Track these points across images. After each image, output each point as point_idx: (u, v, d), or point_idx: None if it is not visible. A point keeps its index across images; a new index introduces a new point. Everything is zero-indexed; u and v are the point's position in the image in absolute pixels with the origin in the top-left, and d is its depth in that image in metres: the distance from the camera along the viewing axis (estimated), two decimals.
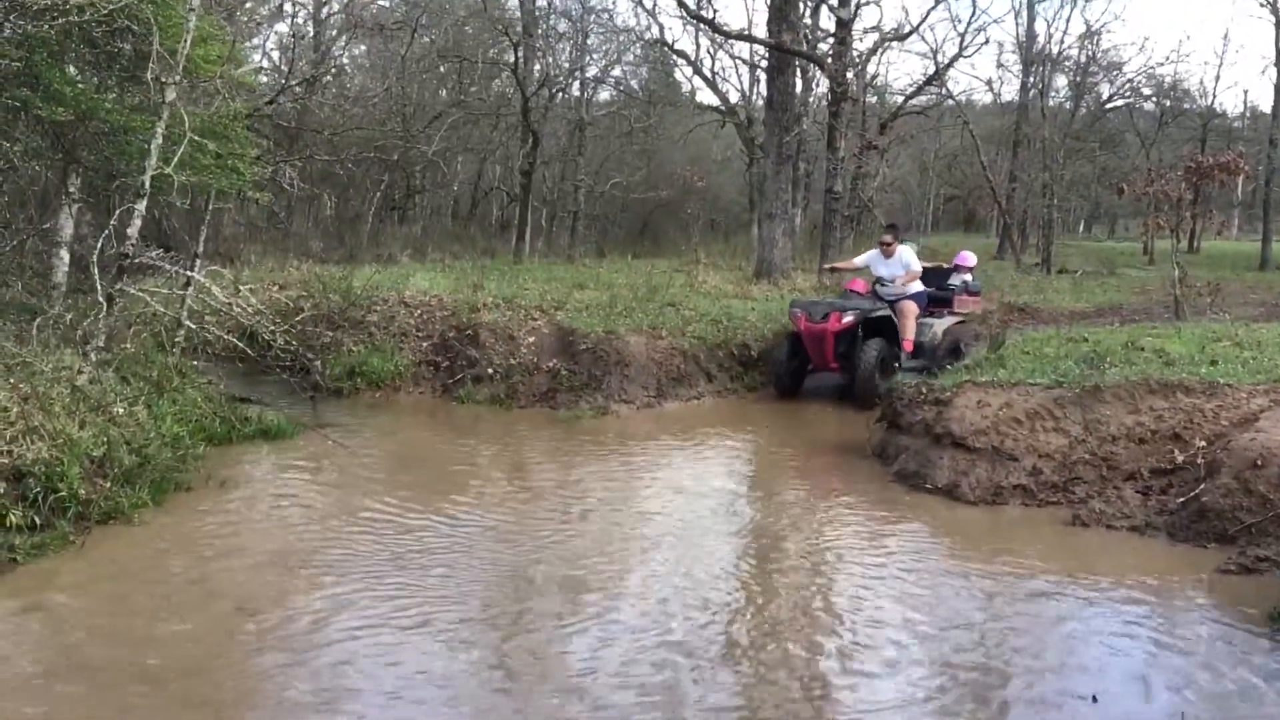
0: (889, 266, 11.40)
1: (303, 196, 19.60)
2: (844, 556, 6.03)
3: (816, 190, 26.49)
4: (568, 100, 26.28)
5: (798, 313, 10.92)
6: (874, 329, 10.88)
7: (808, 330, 10.70)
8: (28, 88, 7.70)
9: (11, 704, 3.79)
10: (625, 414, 9.98)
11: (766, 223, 18.08)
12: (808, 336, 10.74)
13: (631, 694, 4.10)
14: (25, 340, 7.54)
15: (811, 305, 11.10)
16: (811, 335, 10.68)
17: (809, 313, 10.79)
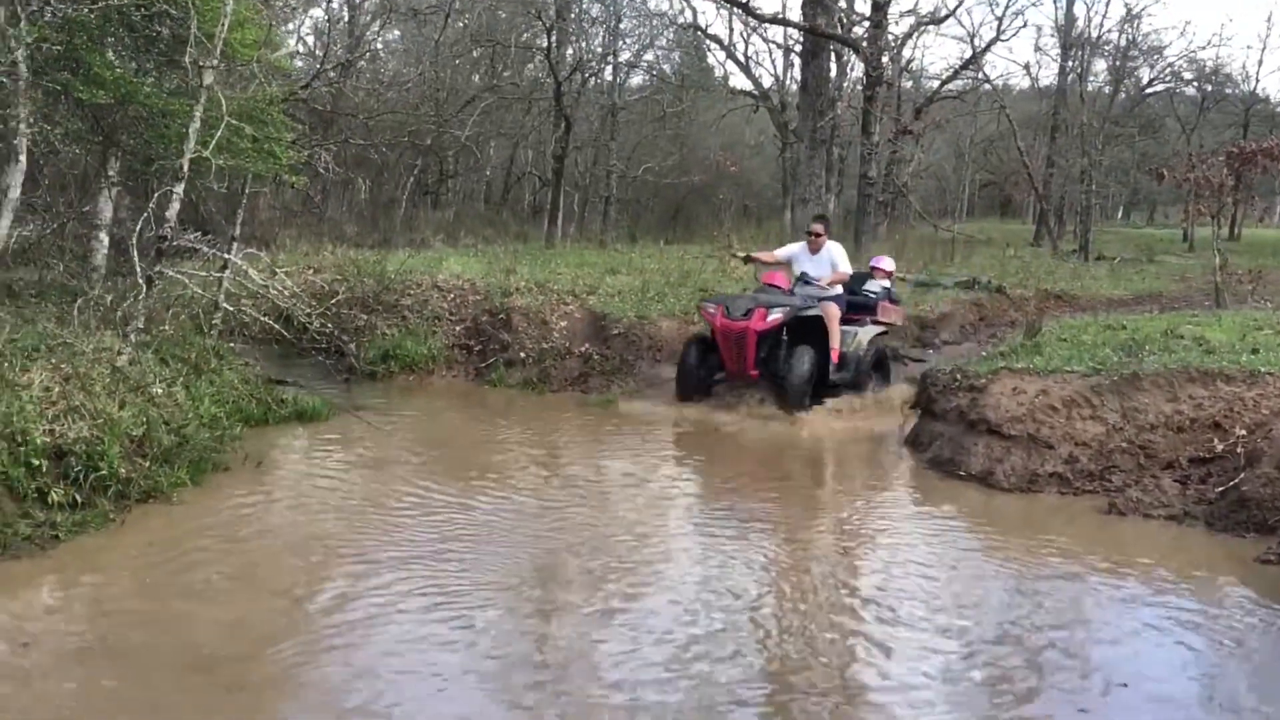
0: (815, 264, 9.89)
1: (337, 181, 19.69)
2: (877, 542, 6.01)
3: (850, 175, 26.31)
4: (600, 85, 26.21)
5: (711, 309, 9.38)
6: (801, 333, 9.38)
7: (724, 329, 9.12)
8: (69, 71, 7.79)
9: (50, 686, 3.82)
10: (656, 398, 9.98)
11: (800, 208, 18.03)
12: (724, 337, 9.16)
13: (665, 682, 4.10)
14: (66, 322, 7.65)
15: (730, 300, 9.46)
16: (729, 335, 9.11)
17: (727, 308, 9.22)
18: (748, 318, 9.02)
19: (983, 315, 15.75)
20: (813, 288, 9.66)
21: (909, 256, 21.68)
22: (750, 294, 9.73)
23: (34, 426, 5.48)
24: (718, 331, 9.18)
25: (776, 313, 9.11)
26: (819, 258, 9.91)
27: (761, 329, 9.03)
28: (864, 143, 19.20)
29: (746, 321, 9.01)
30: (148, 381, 6.96)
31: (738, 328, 9.02)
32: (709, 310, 9.40)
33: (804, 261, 9.95)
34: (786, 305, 9.23)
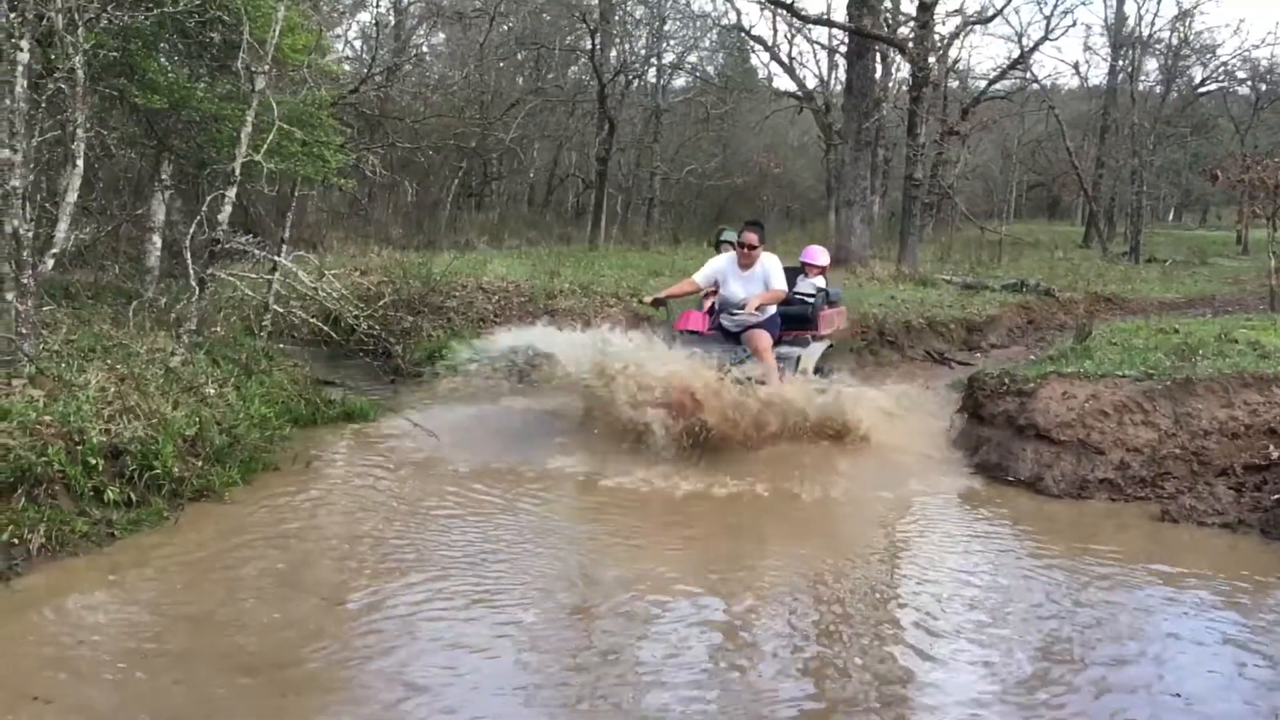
0: (747, 282, 8.05)
1: (383, 184, 19.89)
2: (924, 547, 5.96)
3: (895, 177, 26.13)
4: (644, 87, 26.27)
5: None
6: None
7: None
8: (124, 77, 7.94)
9: (104, 684, 3.87)
10: None
11: (844, 210, 17.92)
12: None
13: (707, 687, 4.10)
14: (122, 323, 7.80)
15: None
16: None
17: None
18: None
19: (1031, 319, 15.59)
20: (740, 316, 7.93)
21: (955, 259, 21.54)
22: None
23: (91, 426, 5.59)
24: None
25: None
26: (751, 275, 8.06)
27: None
28: (909, 144, 19.04)
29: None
30: (200, 382, 7.09)
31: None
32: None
33: (732, 281, 8.10)
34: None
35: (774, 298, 7.98)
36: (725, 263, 8.25)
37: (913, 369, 11.95)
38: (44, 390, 5.89)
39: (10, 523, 4.90)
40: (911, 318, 13.41)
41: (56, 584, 4.74)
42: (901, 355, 12.76)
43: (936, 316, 13.82)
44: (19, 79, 6.22)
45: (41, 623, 4.35)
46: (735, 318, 8.06)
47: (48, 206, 7.32)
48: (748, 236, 8.11)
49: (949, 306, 14.61)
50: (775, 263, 8.12)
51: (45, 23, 6.60)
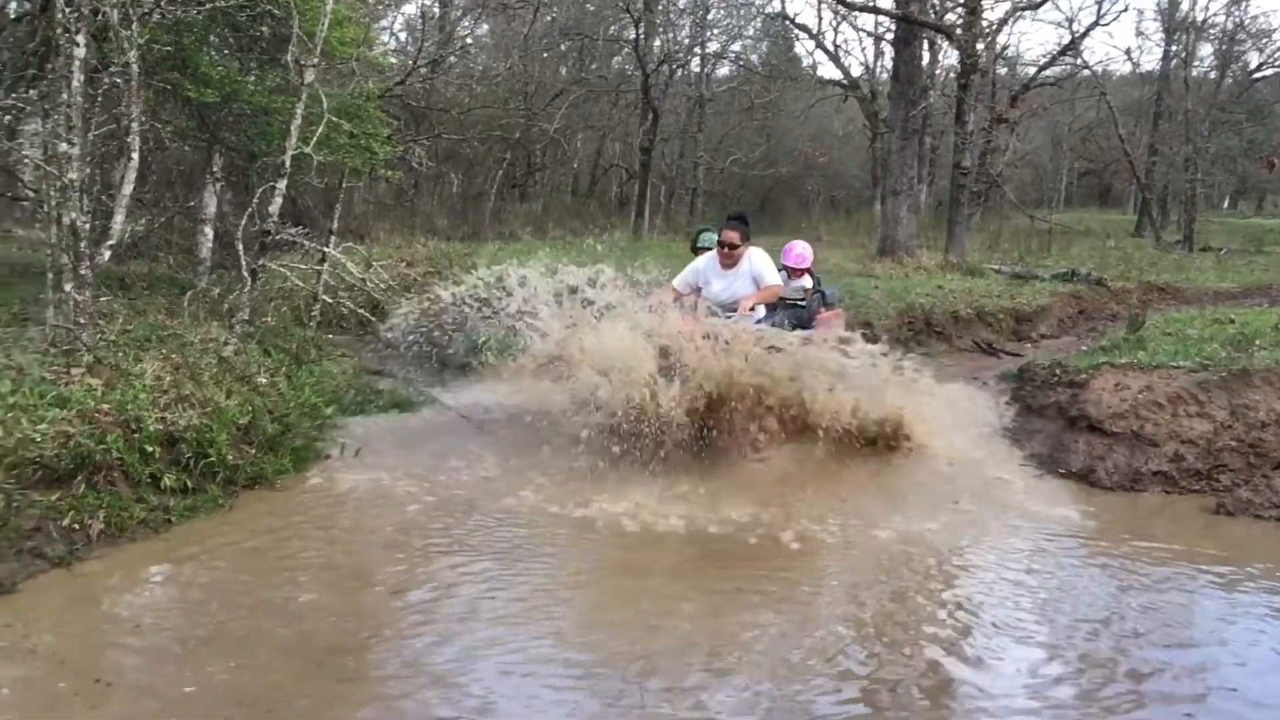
0: (730, 282, 7.21)
1: (429, 175, 20.04)
2: (975, 540, 5.89)
3: (942, 166, 25.85)
4: (687, 76, 26.18)
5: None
6: None
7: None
8: (177, 71, 8.06)
9: (162, 670, 3.93)
10: None
11: (891, 199, 17.76)
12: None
13: (755, 682, 4.10)
14: (176, 313, 7.95)
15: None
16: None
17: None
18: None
19: (1082, 308, 15.36)
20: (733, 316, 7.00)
21: (1004, 248, 21.27)
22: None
23: (148, 414, 5.70)
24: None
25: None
26: (737, 273, 7.21)
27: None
28: (958, 132, 18.81)
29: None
30: (252, 371, 7.20)
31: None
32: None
33: (716, 282, 7.26)
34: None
35: (769, 295, 7.20)
36: (706, 263, 7.36)
37: (960, 359, 11.81)
38: (102, 379, 6.01)
39: (71, 508, 5.02)
40: (959, 308, 13.27)
41: (116, 569, 4.85)
42: (949, 346, 12.63)
43: (985, 306, 13.66)
44: (76, 74, 6.34)
45: (103, 606, 4.45)
46: (732, 314, 7.07)
47: (104, 199, 7.45)
48: (728, 235, 7.17)
49: (998, 296, 14.43)
50: (764, 257, 7.26)
51: (100, 18, 6.72)
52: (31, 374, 5.82)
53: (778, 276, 7.36)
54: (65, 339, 6.23)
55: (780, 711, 3.85)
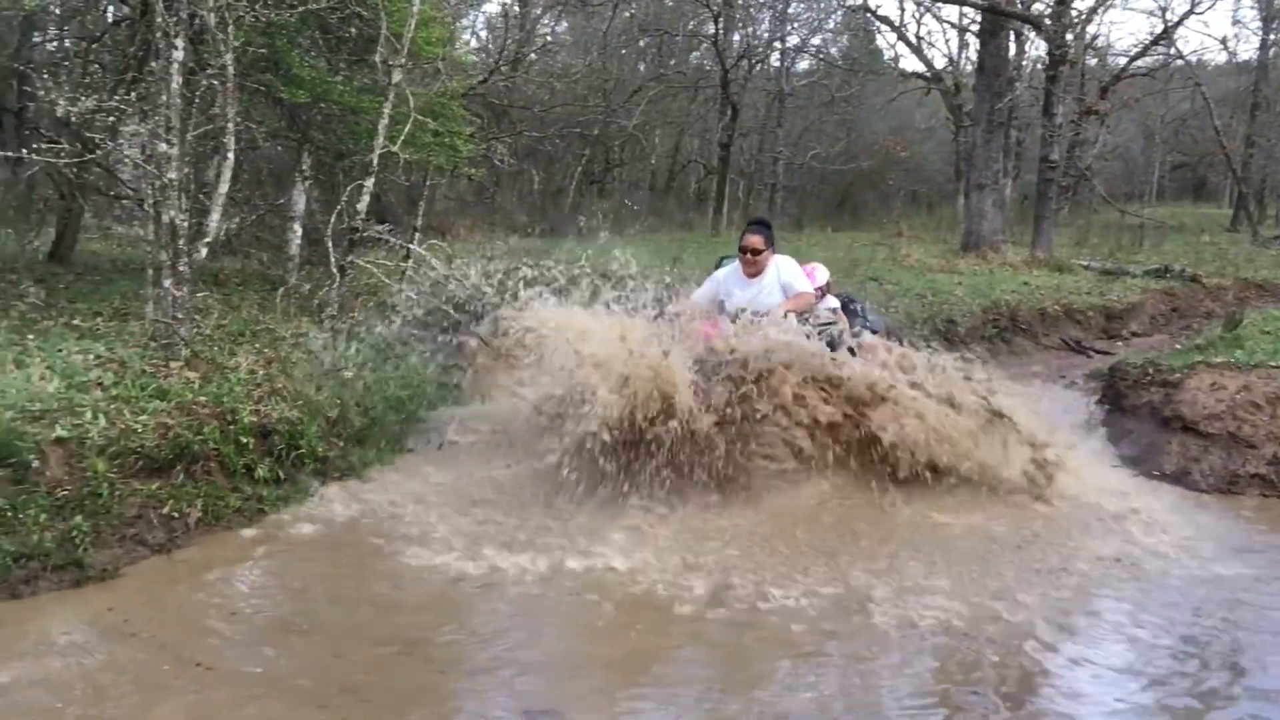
0: (756, 293, 6.50)
1: (509, 172, 20.23)
2: (1064, 543, 5.74)
3: (1028, 159, 25.23)
4: (767, 71, 26.00)
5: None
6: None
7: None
8: (270, 72, 8.27)
9: (260, 657, 4.03)
10: None
11: (975, 193, 17.44)
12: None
13: (821, 681, 4.06)
14: (268, 308, 8.16)
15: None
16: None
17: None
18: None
19: (1175, 306, 14.92)
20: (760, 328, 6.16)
21: (1093, 243, 20.74)
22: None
23: (242, 407, 5.87)
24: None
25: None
26: (763, 282, 6.54)
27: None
28: (1045, 124, 18.38)
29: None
30: (340, 366, 7.36)
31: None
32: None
33: (739, 294, 6.57)
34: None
35: (804, 304, 6.44)
36: (727, 274, 6.74)
37: (1047, 357, 11.58)
38: (199, 372, 6.21)
39: (170, 497, 5.19)
40: (1047, 305, 13.00)
41: (213, 556, 5.00)
42: (1036, 343, 12.39)
43: (1073, 303, 13.36)
44: (175, 76, 6.54)
45: (201, 593, 4.59)
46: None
47: (200, 198, 7.68)
48: (750, 240, 6.51)
49: (1086, 293, 14.10)
50: (792, 264, 6.65)
51: (198, 21, 6.93)
52: (133, 367, 6.03)
53: (809, 284, 6.62)
54: (164, 333, 6.44)
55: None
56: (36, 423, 5.03)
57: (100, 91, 7.53)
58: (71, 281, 8.59)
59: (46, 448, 4.93)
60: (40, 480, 4.82)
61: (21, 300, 7.71)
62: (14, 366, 5.73)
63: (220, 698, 3.70)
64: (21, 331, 6.67)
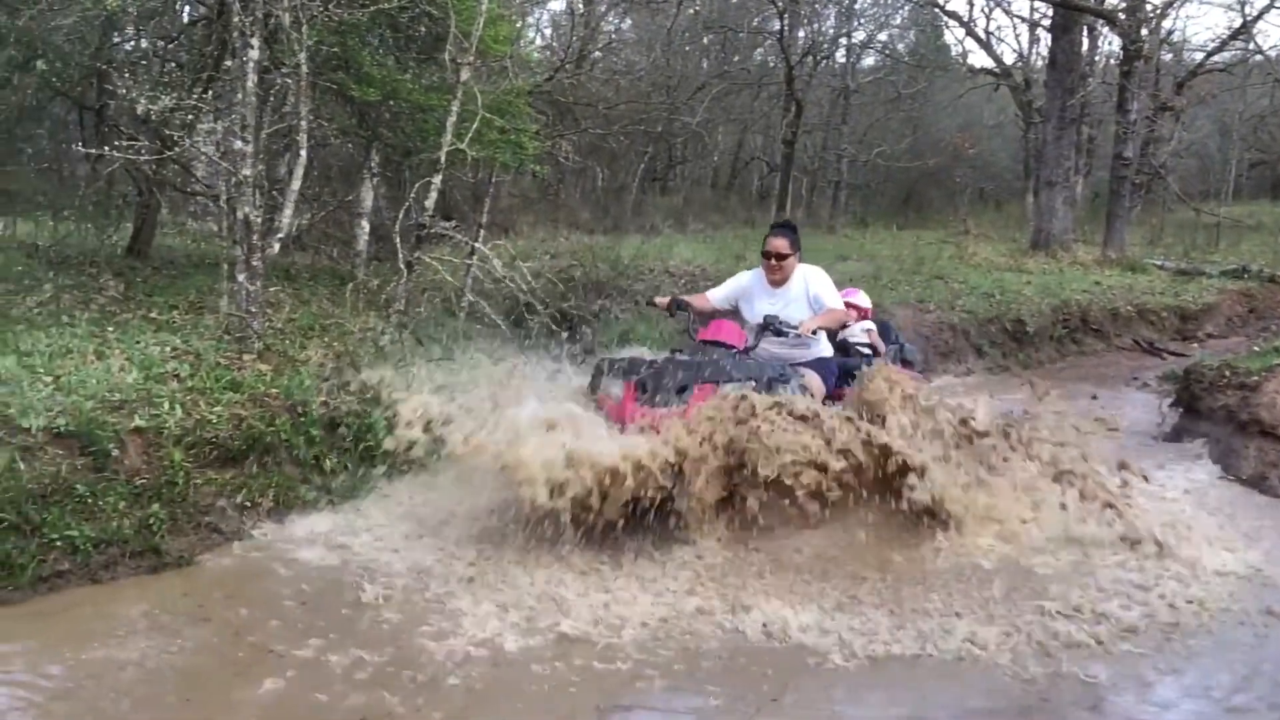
0: (781, 304, 6.08)
1: (573, 169, 20.33)
2: (1136, 551, 5.60)
3: (1100, 156, 24.71)
4: (832, 67, 25.78)
5: (615, 388, 5.69)
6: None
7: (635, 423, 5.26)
8: (341, 70, 8.39)
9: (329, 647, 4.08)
10: None
11: (1045, 191, 17.13)
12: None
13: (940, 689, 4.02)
14: (337, 303, 8.30)
15: (644, 370, 5.60)
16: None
17: (642, 385, 5.49)
18: (682, 403, 5.36)
19: (1253, 307, 14.53)
20: (788, 340, 5.95)
21: (1166, 242, 20.27)
22: (682, 357, 5.88)
23: (312, 399, 5.98)
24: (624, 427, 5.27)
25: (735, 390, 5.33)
26: (788, 293, 6.11)
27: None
28: (1119, 121, 17.99)
29: (678, 410, 5.29)
30: (407, 360, 7.45)
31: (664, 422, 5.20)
32: (607, 388, 5.75)
33: (761, 302, 6.17)
34: (753, 378, 5.51)
35: (835, 320, 6.08)
36: (751, 279, 6.31)
37: (1119, 359, 11.34)
38: (271, 365, 6.34)
39: (243, 486, 5.32)
40: (1119, 304, 12.74)
41: (285, 545, 5.11)
42: (1107, 344, 12.15)
43: (1146, 304, 13.08)
44: (250, 75, 6.68)
45: (273, 581, 4.69)
46: (775, 350, 6.03)
47: (273, 194, 7.83)
48: (774, 244, 6.07)
49: (1160, 293, 13.79)
50: (823, 276, 6.17)
51: (272, 21, 7.06)
52: (207, 359, 6.17)
53: (839, 300, 6.18)
54: (238, 327, 6.58)
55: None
56: (116, 412, 5.17)
57: (178, 90, 7.72)
58: (149, 275, 8.81)
59: (126, 437, 5.07)
60: (119, 468, 4.96)
61: (101, 293, 7.95)
62: (95, 357, 5.90)
63: (294, 684, 3.77)
64: (101, 324, 6.87)
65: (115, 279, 8.39)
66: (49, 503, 4.60)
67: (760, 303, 6.13)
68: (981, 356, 10.89)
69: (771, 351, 6.04)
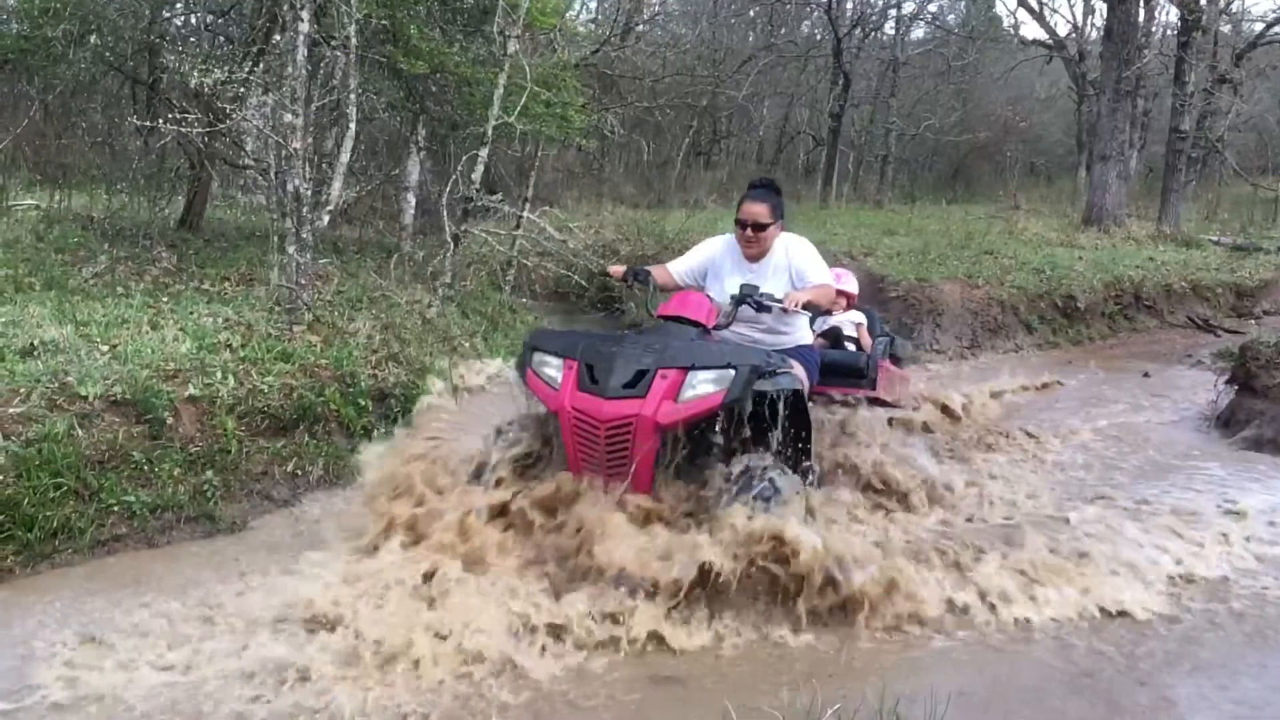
0: (760, 279, 4.91)
1: (618, 143, 20.28)
2: (1194, 531, 5.51)
3: (1155, 130, 24.19)
4: (880, 39, 25.45)
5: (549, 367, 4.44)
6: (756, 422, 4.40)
7: (580, 417, 4.28)
8: (390, 44, 8.43)
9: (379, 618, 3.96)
10: (937, 363, 9.66)
11: (1099, 165, 16.81)
12: (578, 429, 4.30)
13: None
14: (384, 276, 8.37)
15: (594, 349, 4.39)
16: (589, 428, 4.27)
17: (589, 370, 4.30)
18: (637, 392, 4.18)
19: None
20: (766, 321, 4.94)
21: (1223, 218, 19.82)
22: (643, 334, 4.66)
23: (361, 370, 6.05)
24: (563, 420, 4.31)
25: (705, 382, 4.20)
26: (766, 268, 4.95)
27: (670, 420, 4.18)
28: (1176, 93, 17.58)
29: (635, 403, 4.17)
30: (453, 333, 7.52)
31: (612, 414, 4.18)
32: (542, 373, 4.43)
33: (733, 278, 4.97)
34: (725, 363, 4.23)
35: (825, 295, 4.87)
36: (722, 250, 5.07)
37: (1173, 335, 11.14)
38: (320, 336, 6.42)
39: (294, 455, 5.39)
40: (1173, 281, 12.49)
41: (334, 512, 5.17)
42: (1160, 321, 11.93)
43: (1201, 280, 12.80)
44: (300, 48, 6.72)
45: (322, 550, 4.73)
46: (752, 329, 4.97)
47: (322, 167, 7.90)
48: (751, 210, 4.86)
49: (1215, 269, 13.49)
50: (807, 247, 4.99)
51: None
52: (259, 330, 6.26)
53: (829, 274, 5.05)
54: (288, 298, 6.66)
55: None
56: (170, 381, 5.26)
57: (228, 63, 7.80)
58: (200, 247, 8.94)
59: (180, 405, 5.15)
60: (174, 436, 5.04)
61: (155, 265, 8.09)
62: (149, 327, 6.01)
63: (343, 651, 3.78)
64: (155, 295, 6.99)
65: (168, 251, 8.53)
66: (106, 468, 4.70)
67: (732, 279, 4.96)
68: (1031, 333, 10.74)
69: (744, 334, 4.96)
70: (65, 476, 4.50)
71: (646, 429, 4.15)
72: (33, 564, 4.26)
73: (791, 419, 4.52)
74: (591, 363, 4.30)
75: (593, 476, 4.32)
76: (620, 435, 4.19)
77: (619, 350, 4.30)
